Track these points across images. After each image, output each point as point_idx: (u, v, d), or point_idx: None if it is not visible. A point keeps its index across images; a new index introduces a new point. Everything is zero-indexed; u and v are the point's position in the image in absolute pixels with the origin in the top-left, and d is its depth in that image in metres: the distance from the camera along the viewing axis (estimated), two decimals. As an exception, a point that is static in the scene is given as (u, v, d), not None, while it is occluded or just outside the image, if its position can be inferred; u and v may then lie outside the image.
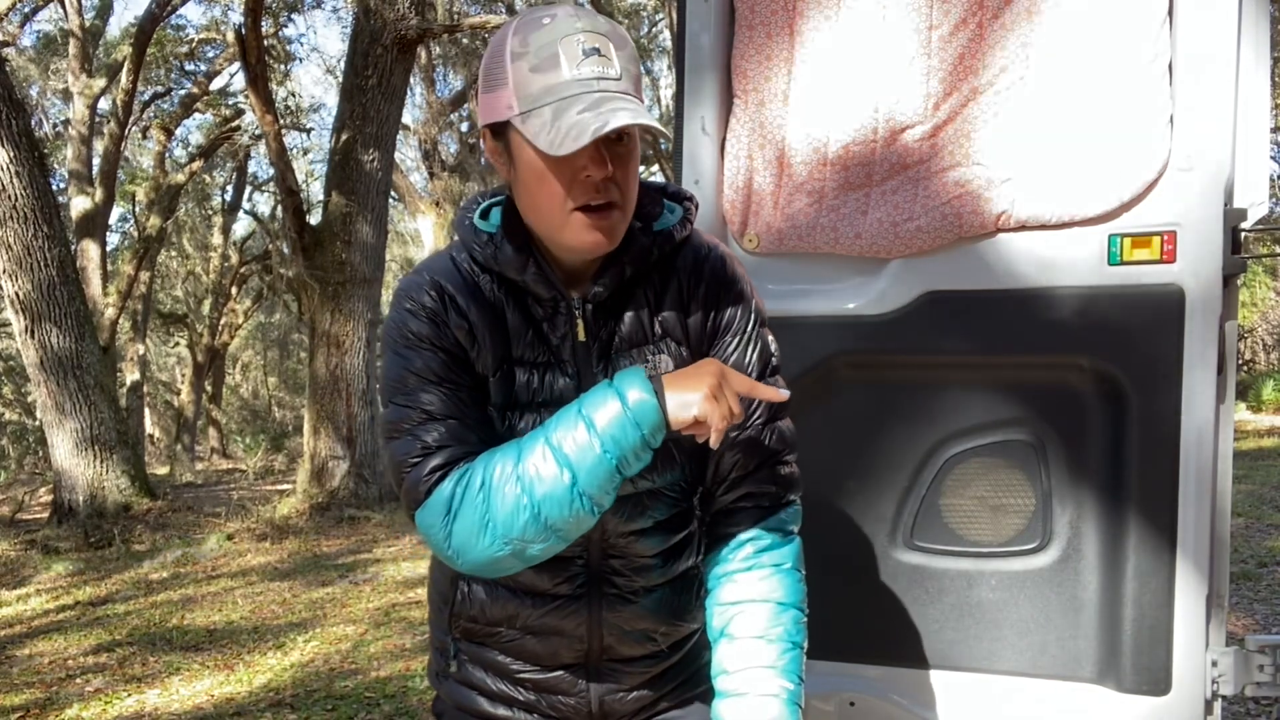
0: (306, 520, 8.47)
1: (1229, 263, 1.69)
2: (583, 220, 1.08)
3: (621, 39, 1.07)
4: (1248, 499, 6.69)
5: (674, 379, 1.07)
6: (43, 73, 16.79)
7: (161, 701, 3.92)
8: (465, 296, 1.16)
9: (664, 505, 1.24)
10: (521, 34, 1.06)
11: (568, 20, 1.05)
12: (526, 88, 1.05)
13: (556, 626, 1.25)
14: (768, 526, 1.23)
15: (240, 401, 28.05)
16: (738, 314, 1.22)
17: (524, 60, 1.05)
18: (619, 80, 1.05)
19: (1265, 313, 18.04)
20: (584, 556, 1.23)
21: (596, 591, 1.25)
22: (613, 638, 1.26)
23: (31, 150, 7.78)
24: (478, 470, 1.08)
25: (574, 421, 1.06)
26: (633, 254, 1.16)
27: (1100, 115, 1.74)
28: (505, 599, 1.25)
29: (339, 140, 9.12)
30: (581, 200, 1.07)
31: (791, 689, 1.17)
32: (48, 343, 7.89)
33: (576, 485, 1.05)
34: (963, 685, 1.90)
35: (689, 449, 1.23)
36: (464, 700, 1.33)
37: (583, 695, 1.29)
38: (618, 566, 1.24)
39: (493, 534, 1.07)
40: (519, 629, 1.26)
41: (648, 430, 1.05)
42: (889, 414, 1.92)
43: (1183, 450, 1.71)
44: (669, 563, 1.27)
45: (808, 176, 1.91)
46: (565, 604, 1.24)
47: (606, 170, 1.06)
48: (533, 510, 1.05)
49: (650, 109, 19.86)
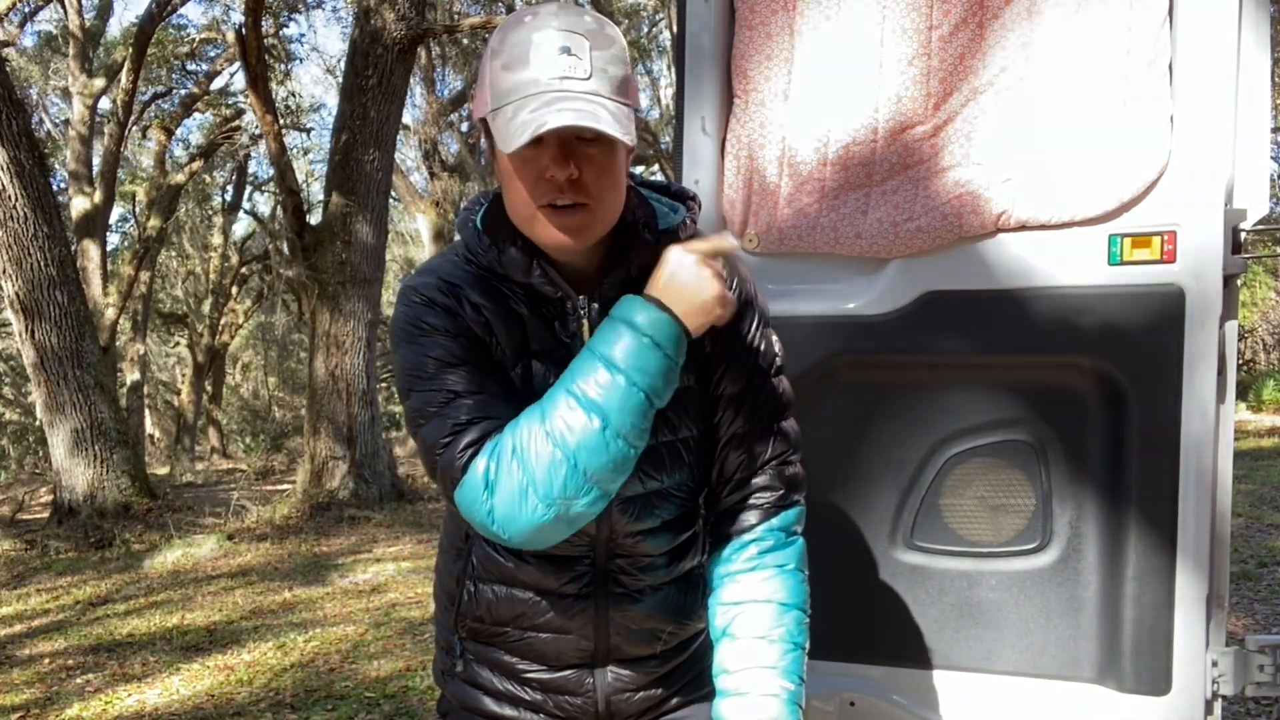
0: (306, 520, 8.47)
1: (1229, 263, 1.69)
2: (548, 218, 1.08)
3: (605, 39, 1.06)
4: (1248, 499, 6.68)
5: (662, 289, 1.06)
6: (43, 73, 16.80)
7: (161, 701, 3.92)
8: (477, 293, 1.15)
9: (671, 505, 1.24)
10: (503, 31, 1.07)
11: (546, 18, 1.05)
12: (498, 85, 1.05)
13: (563, 626, 1.25)
14: (772, 527, 1.23)
15: (240, 401, 28.04)
16: (741, 315, 1.22)
17: (499, 58, 1.05)
18: (586, 80, 1.03)
19: (1265, 313, 18.04)
20: (590, 556, 1.23)
21: (603, 591, 1.25)
22: (619, 637, 1.26)
23: (31, 150, 7.77)
24: (507, 438, 1.05)
25: (592, 365, 1.04)
26: (639, 254, 1.16)
27: (1100, 115, 1.74)
28: (512, 599, 1.25)
29: (339, 140, 9.11)
30: (544, 199, 1.07)
31: (792, 689, 1.18)
32: (47, 343, 7.89)
33: (609, 428, 1.02)
34: (963, 685, 1.90)
35: (699, 447, 1.23)
36: (469, 700, 1.33)
37: (589, 695, 1.28)
38: (624, 565, 1.24)
39: (535, 498, 1.03)
40: (525, 628, 1.26)
41: (668, 345, 1.04)
42: (889, 414, 1.92)
43: (1183, 450, 1.71)
44: (675, 562, 1.27)
45: (808, 176, 1.91)
46: (572, 603, 1.24)
47: (568, 171, 1.05)
48: (570, 464, 1.02)
49: (650, 109, 19.50)
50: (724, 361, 1.22)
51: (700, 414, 1.22)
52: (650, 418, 1.06)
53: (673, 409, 1.17)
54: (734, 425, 1.23)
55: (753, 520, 1.23)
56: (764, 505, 1.24)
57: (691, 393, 1.21)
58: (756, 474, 1.23)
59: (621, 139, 1.03)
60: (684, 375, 1.17)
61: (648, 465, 1.19)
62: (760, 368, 1.22)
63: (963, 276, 1.83)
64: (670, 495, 1.23)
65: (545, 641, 1.26)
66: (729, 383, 1.22)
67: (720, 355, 1.22)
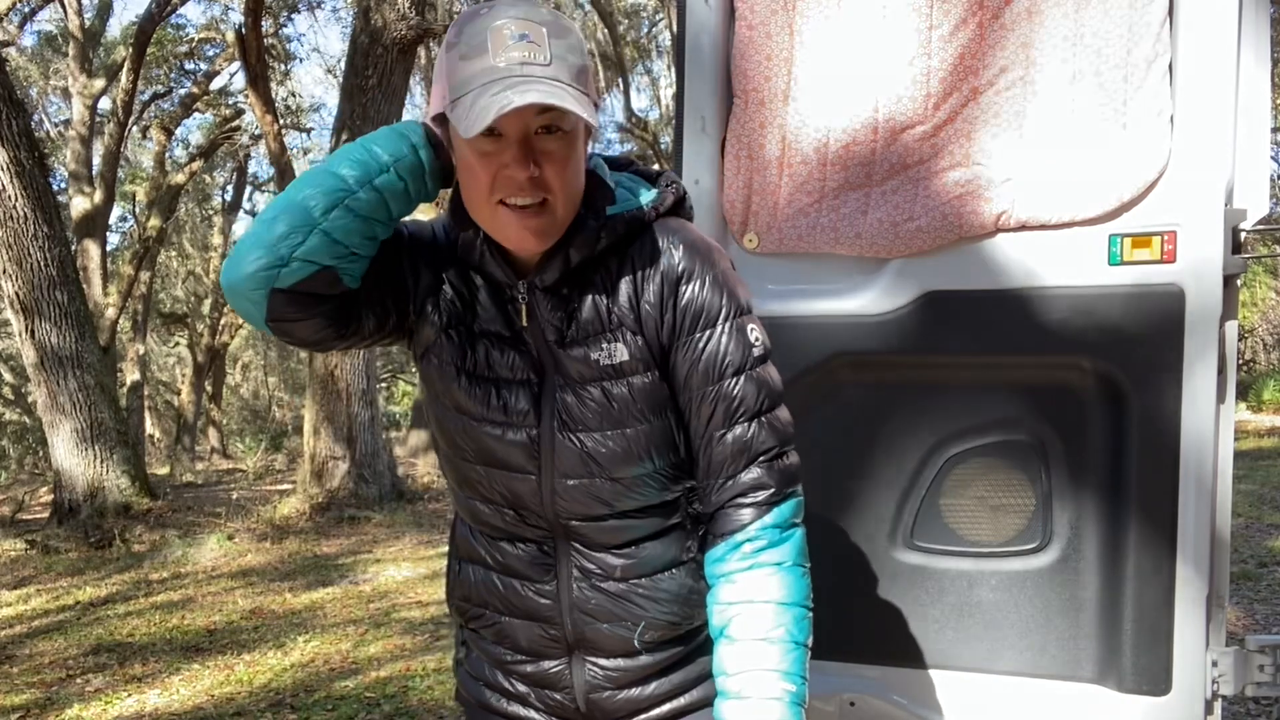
0: (306, 520, 8.47)
1: (1229, 263, 1.69)
2: (507, 216, 1.08)
3: (562, 29, 1.06)
4: (1248, 499, 6.68)
5: None
6: (43, 73, 16.80)
7: (161, 701, 3.92)
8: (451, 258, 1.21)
9: (631, 497, 1.21)
10: (459, 25, 1.07)
11: (503, 8, 1.05)
12: (456, 76, 1.05)
13: (532, 611, 1.26)
14: (766, 525, 1.19)
15: (240, 401, 28.05)
16: (704, 307, 1.17)
17: (456, 49, 1.05)
18: (547, 66, 1.03)
19: (1265, 313, 18.03)
20: (550, 541, 1.24)
21: (566, 576, 1.24)
22: (589, 629, 1.25)
23: (31, 150, 7.78)
24: None
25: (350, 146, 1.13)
26: (577, 241, 1.14)
27: (1100, 115, 1.74)
28: (487, 580, 1.28)
29: (339, 140, 9.11)
30: (502, 194, 1.07)
31: (794, 690, 1.16)
32: (47, 343, 7.89)
33: (329, 167, 1.10)
34: (963, 685, 1.90)
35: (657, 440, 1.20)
36: (473, 690, 1.37)
37: (569, 691, 1.28)
38: (585, 552, 1.24)
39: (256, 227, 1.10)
40: (500, 612, 1.28)
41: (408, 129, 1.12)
42: (889, 414, 1.92)
43: (1183, 450, 1.71)
44: (642, 555, 1.24)
45: (808, 176, 1.91)
46: (537, 587, 1.25)
47: (528, 172, 1.05)
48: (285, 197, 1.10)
49: (650, 109, 19.42)
50: (688, 356, 1.18)
51: (654, 407, 1.19)
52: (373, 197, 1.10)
53: (619, 402, 1.16)
54: (711, 422, 1.19)
55: (747, 518, 1.19)
56: (757, 502, 1.19)
57: (645, 386, 1.18)
58: (746, 470, 1.19)
59: (588, 120, 1.03)
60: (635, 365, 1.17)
61: (595, 455, 1.18)
62: (732, 363, 1.18)
63: (963, 276, 1.83)
64: (628, 486, 1.20)
65: (518, 627, 1.27)
66: (696, 378, 1.18)
67: (686, 350, 1.18)
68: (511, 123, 1.03)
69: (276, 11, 14.60)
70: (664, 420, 1.20)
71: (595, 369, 1.17)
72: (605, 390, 1.17)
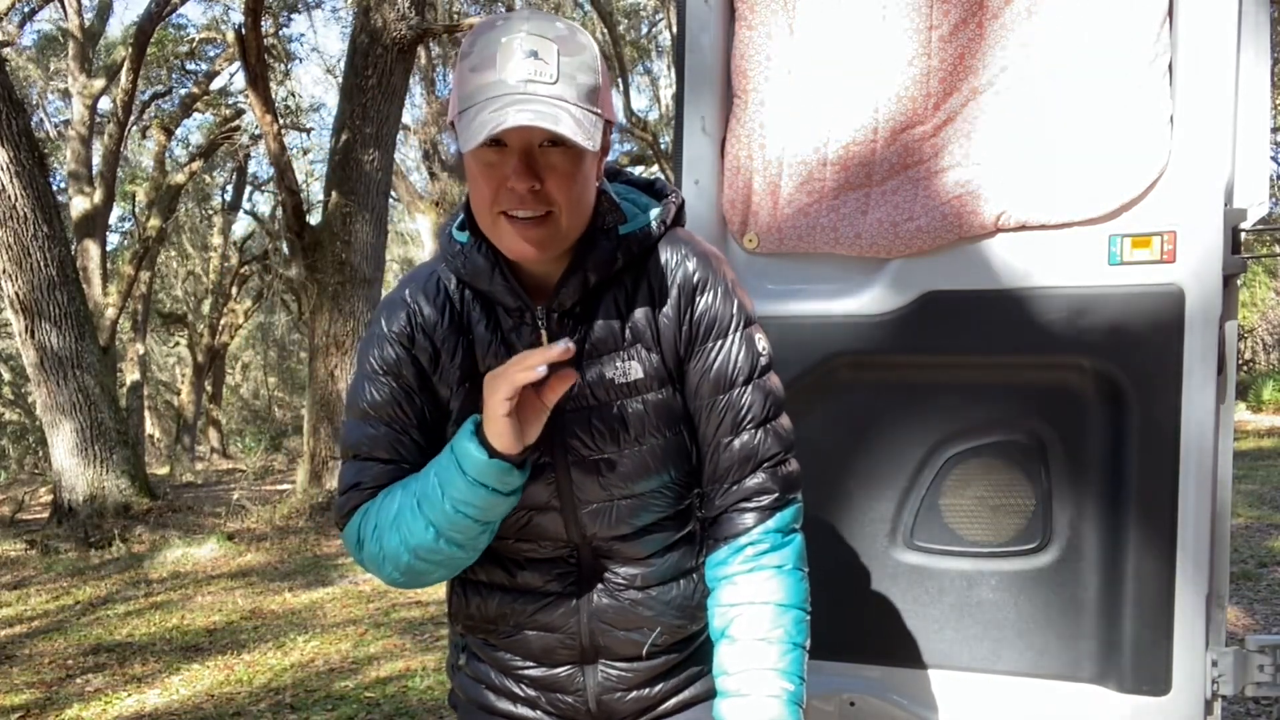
0: (306, 520, 8.46)
1: (1229, 263, 1.69)
2: (509, 227, 1.08)
3: (575, 46, 1.05)
4: (1248, 499, 6.68)
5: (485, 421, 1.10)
6: (43, 73, 16.80)
7: (161, 701, 3.92)
8: (436, 312, 1.19)
9: (650, 511, 1.23)
10: (474, 35, 1.06)
11: (517, 22, 1.05)
12: (465, 87, 1.05)
13: (549, 623, 1.26)
14: (768, 529, 1.22)
15: (240, 401, 28.05)
16: (717, 317, 1.19)
17: (468, 61, 1.05)
18: (553, 84, 1.02)
19: (1265, 313, 18.04)
20: (575, 556, 1.24)
21: (588, 590, 1.25)
22: (606, 636, 1.27)
23: (31, 150, 7.77)
24: (373, 512, 1.18)
25: (430, 482, 1.13)
26: (595, 262, 1.14)
27: (1101, 115, 1.74)
28: (499, 597, 1.27)
29: (339, 140, 9.11)
30: (504, 206, 1.07)
31: (793, 689, 1.17)
32: (47, 343, 7.89)
33: (441, 538, 1.13)
34: (963, 685, 1.90)
35: (672, 453, 1.22)
36: (473, 693, 1.36)
37: (580, 694, 1.29)
38: (609, 565, 1.25)
39: (391, 566, 1.18)
40: (514, 625, 1.28)
41: (479, 475, 1.09)
42: (889, 414, 1.92)
43: (1183, 450, 1.71)
44: (663, 564, 1.26)
45: (808, 176, 1.91)
46: (557, 601, 1.25)
47: (529, 184, 1.04)
48: (411, 554, 1.15)
49: (650, 109, 19.43)
50: (699, 366, 1.20)
51: (669, 421, 1.21)
52: (486, 525, 1.14)
53: (634, 420, 1.18)
54: (720, 431, 1.21)
55: (749, 523, 1.22)
56: (760, 508, 1.22)
57: (660, 403, 1.20)
58: (749, 476, 1.22)
59: (581, 143, 1.02)
60: (650, 382, 1.18)
61: (612, 475, 1.19)
62: (742, 372, 1.20)
63: (963, 276, 1.83)
64: (647, 501, 1.23)
65: (533, 639, 1.27)
66: (707, 386, 1.20)
67: (697, 360, 1.20)
68: (514, 135, 1.03)
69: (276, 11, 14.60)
70: (678, 434, 1.23)
71: (611, 389, 1.18)
72: (621, 409, 1.18)
